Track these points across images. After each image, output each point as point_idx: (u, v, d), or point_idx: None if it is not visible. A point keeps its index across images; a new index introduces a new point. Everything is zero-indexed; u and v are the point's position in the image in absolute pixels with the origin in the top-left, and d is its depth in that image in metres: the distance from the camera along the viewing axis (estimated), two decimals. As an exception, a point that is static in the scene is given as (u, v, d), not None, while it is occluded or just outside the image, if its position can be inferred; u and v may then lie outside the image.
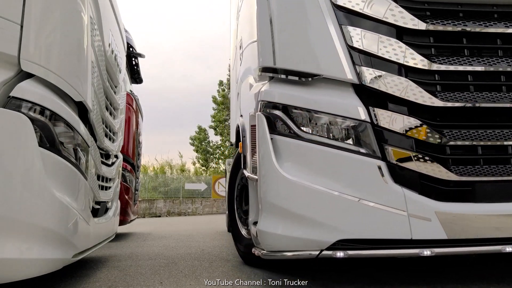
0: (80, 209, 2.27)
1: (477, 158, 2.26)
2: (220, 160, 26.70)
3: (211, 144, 27.26)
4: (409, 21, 2.30)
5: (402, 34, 2.32)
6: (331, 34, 2.39)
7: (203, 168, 26.47)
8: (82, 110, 2.47)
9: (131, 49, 6.30)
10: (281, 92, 2.46)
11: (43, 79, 2.04)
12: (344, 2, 2.38)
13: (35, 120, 1.93)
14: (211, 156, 26.99)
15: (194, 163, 26.83)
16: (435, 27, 2.30)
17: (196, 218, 15.05)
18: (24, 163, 1.89)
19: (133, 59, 6.66)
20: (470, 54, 2.34)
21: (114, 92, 3.40)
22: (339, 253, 2.13)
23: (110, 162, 3.41)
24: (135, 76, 6.99)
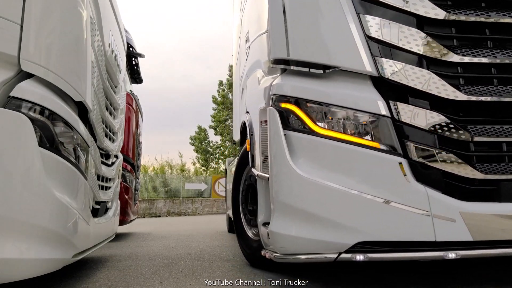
0: (80, 209, 2.27)
1: (502, 155, 2.15)
2: (220, 160, 26.70)
3: (211, 144, 27.26)
4: (430, 10, 2.18)
5: (423, 24, 2.21)
6: (348, 23, 2.27)
7: (203, 168, 26.47)
8: (82, 110, 2.47)
9: (131, 49, 6.30)
10: (294, 85, 2.34)
11: (43, 79, 2.04)
12: None
13: (35, 120, 1.93)
14: (211, 156, 26.99)
15: (194, 163, 26.86)
16: (457, 17, 2.19)
17: (196, 218, 15.05)
18: (24, 163, 1.89)
19: (133, 59, 6.66)
20: (494, 45, 2.23)
21: (114, 92, 3.40)
22: (359, 256, 2.02)
23: (110, 162, 3.41)
24: (135, 76, 6.99)
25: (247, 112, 3.37)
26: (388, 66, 2.20)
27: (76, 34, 2.31)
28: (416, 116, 2.15)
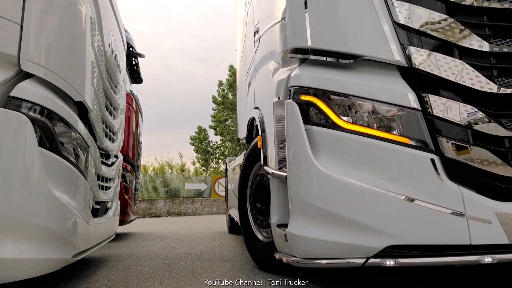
0: (80, 209, 2.27)
1: None
2: (220, 160, 26.68)
3: (211, 144, 27.25)
4: None
5: (454, 11, 2.07)
6: (375, 9, 2.12)
7: (203, 168, 26.46)
8: (82, 110, 2.46)
9: (131, 49, 6.30)
10: (316, 76, 2.17)
11: (43, 79, 2.04)
12: None
13: (35, 120, 1.93)
14: (211, 156, 26.98)
15: (194, 163, 26.85)
16: (489, 4, 2.07)
17: (196, 218, 15.05)
18: (24, 163, 1.89)
19: (133, 59, 6.66)
20: None
21: (114, 92, 3.40)
22: (389, 261, 1.88)
23: (110, 162, 3.41)
24: (135, 76, 6.99)
25: (256, 108, 3.21)
26: (419, 56, 2.05)
27: (76, 34, 2.31)
28: (449, 109, 2.01)
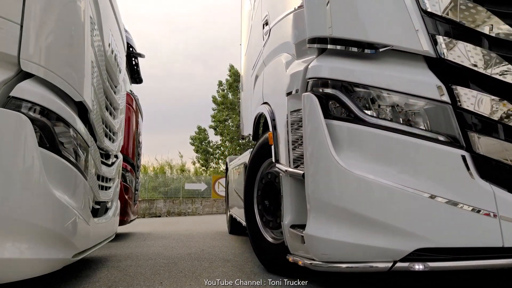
0: (80, 209, 2.27)
1: None
2: (220, 160, 26.68)
3: (211, 144, 27.25)
4: None
5: (484, 0, 1.96)
6: None
7: (203, 168, 26.46)
8: (82, 110, 2.46)
9: (131, 49, 6.30)
10: (337, 67, 2.06)
11: (43, 79, 2.04)
12: None
13: (35, 120, 1.93)
14: (211, 156, 26.98)
15: (194, 163, 26.84)
16: None
17: (196, 218, 15.05)
18: (24, 163, 1.89)
19: (133, 59, 6.66)
20: None
21: (114, 92, 3.40)
22: (418, 265, 1.78)
23: (110, 162, 3.41)
24: (135, 76, 6.99)
25: (265, 103, 3.07)
26: (448, 46, 1.94)
27: (76, 34, 2.31)
28: (480, 103, 1.89)
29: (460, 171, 1.84)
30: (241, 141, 25.25)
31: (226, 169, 7.10)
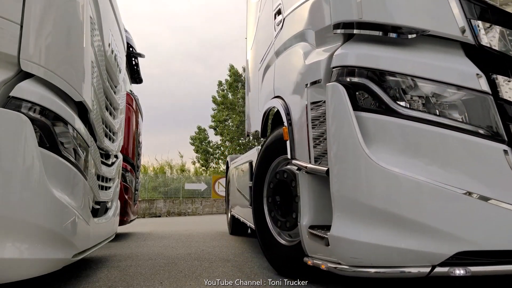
0: (80, 209, 2.27)
1: None
2: (220, 160, 26.70)
3: (211, 144, 27.26)
4: None
5: None
6: None
7: (203, 168, 26.47)
8: (82, 110, 2.46)
9: (131, 49, 6.30)
10: (366, 54, 1.91)
11: (43, 79, 2.04)
12: None
13: (35, 120, 1.93)
14: (211, 156, 26.99)
15: (194, 163, 26.86)
16: None
17: (196, 218, 15.05)
18: (24, 163, 1.89)
19: (133, 59, 6.66)
20: None
21: (114, 92, 3.40)
22: (459, 270, 1.65)
23: (110, 162, 3.41)
24: (135, 76, 6.99)
25: (277, 97, 2.92)
26: (488, 32, 1.81)
27: (76, 34, 2.31)
28: None
29: (502, 167, 1.70)
30: (244, 139, 25.26)
31: (227, 168, 6.96)
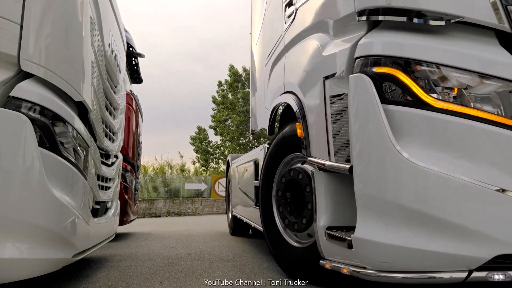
0: (79, 209, 2.27)
1: None
2: (220, 160, 26.70)
3: (211, 144, 27.27)
4: None
5: None
6: None
7: (203, 168, 26.48)
8: (82, 110, 2.46)
9: (131, 49, 6.30)
10: (394, 42, 1.78)
11: (43, 79, 2.04)
12: None
13: (35, 120, 1.93)
14: (211, 156, 27.00)
15: (194, 163, 26.86)
16: None
17: (196, 218, 15.05)
18: (24, 163, 1.89)
19: (133, 59, 6.66)
20: None
21: (114, 92, 3.40)
22: (498, 274, 1.55)
23: (110, 162, 3.41)
24: (135, 76, 6.99)
25: (288, 92, 2.81)
26: None
27: (76, 34, 2.31)
28: None
29: None
30: (244, 139, 25.27)
31: (227, 168, 6.83)
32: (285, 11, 3.12)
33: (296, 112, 2.53)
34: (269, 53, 3.75)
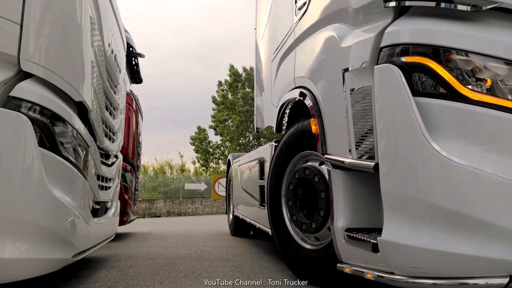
0: (79, 209, 2.27)
1: None
2: (220, 160, 26.70)
3: (211, 144, 27.27)
4: None
5: None
6: None
7: (203, 168, 26.48)
8: (82, 110, 2.47)
9: (131, 49, 6.30)
10: (425, 29, 1.64)
11: (43, 79, 2.04)
12: None
13: (35, 120, 1.93)
14: (211, 156, 27.00)
15: (194, 163, 26.87)
16: None
17: (196, 218, 15.05)
18: (24, 163, 1.89)
19: (133, 59, 6.66)
20: None
21: (114, 92, 3.40)
22: None
23: (110, 162, 3.41)
24: (135, 76, 6.99)
25: (299, 87, 2.70)
26: None
27: (76, 34, 2.30)
28: None
29: None
30: (244, 139, 25.27)
31: (228, 167, 6.69)
32: (295, 2, 2.98)
33: (310, 107, 2.39)
34: (276, 48, 3.60)
